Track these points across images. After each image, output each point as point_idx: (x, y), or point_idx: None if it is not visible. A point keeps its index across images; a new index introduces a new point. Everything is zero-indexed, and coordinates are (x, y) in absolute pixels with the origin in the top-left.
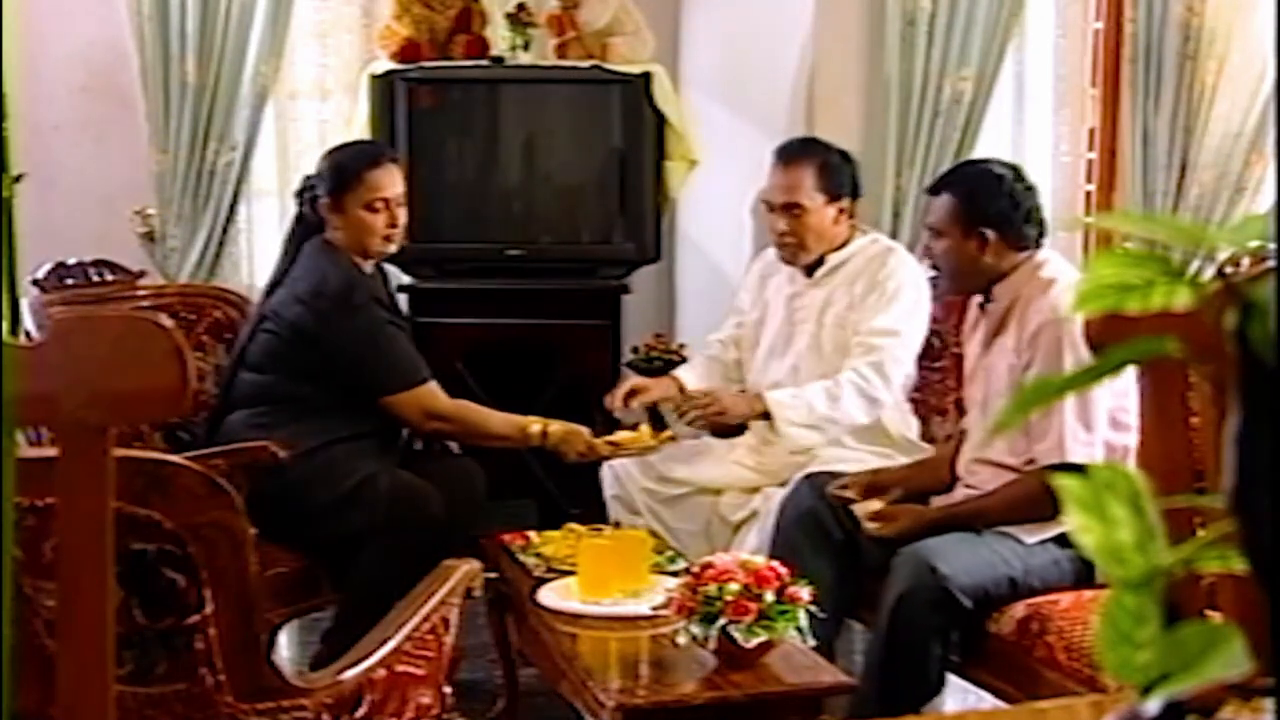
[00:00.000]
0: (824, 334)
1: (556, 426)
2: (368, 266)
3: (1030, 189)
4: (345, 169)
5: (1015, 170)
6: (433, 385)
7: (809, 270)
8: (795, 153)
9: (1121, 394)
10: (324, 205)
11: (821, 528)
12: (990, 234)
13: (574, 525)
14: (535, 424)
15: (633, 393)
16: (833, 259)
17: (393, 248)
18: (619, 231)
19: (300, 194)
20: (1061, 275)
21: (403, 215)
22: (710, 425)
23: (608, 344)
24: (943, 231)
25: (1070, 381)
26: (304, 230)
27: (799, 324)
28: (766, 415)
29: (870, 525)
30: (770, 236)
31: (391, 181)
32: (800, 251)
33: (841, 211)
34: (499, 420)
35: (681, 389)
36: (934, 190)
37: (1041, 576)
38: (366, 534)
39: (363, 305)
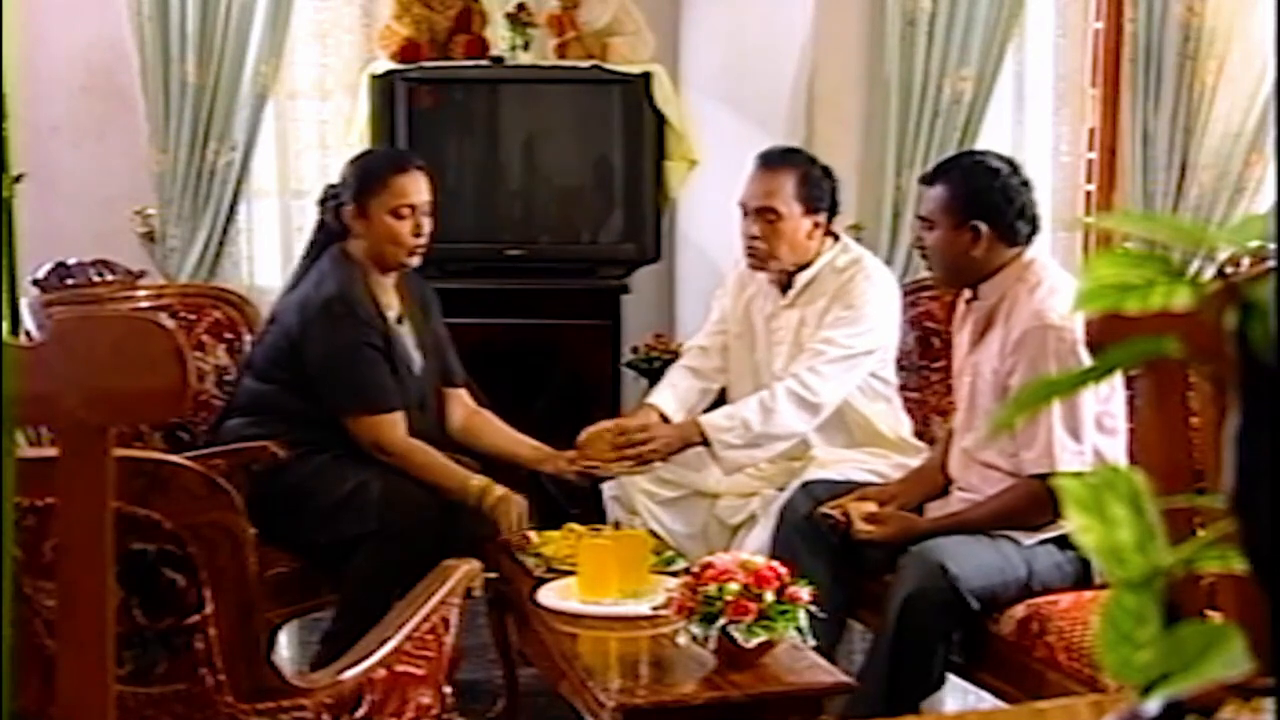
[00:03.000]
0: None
1: (497, 493)
2: (388, 281)
3: (1025, 184)
4: (371, 173)
5: (1011, 164)
6: (393, 418)
7: (783, 289)
8: (777, 160)
9: (1105, 398)
10: (349, 211)
11: (819, 533)
12: (983, 227)
13: (574, 525)
14: (476, 482)
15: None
16: (802, 278)
17: (415, 260)
18: (619, 232)
19: (324, 202)
20: (1047, 278)
21: (428, 225)
22: (651, 459)
23: (608, 344)
24: (935, 222)
25: (1068, 383)
26: (325, 239)
27: (775, 345)
28: (705, 440)
29: (861, 527)
30: (741, 241)
31: (418, 188)
32: (770, 260)
33: (817, 225)
34: (441, 470)
35: (663, 417)
36: (928, 180)
37: (1044, 579)
38: (360, 539)
39: (341, 318)
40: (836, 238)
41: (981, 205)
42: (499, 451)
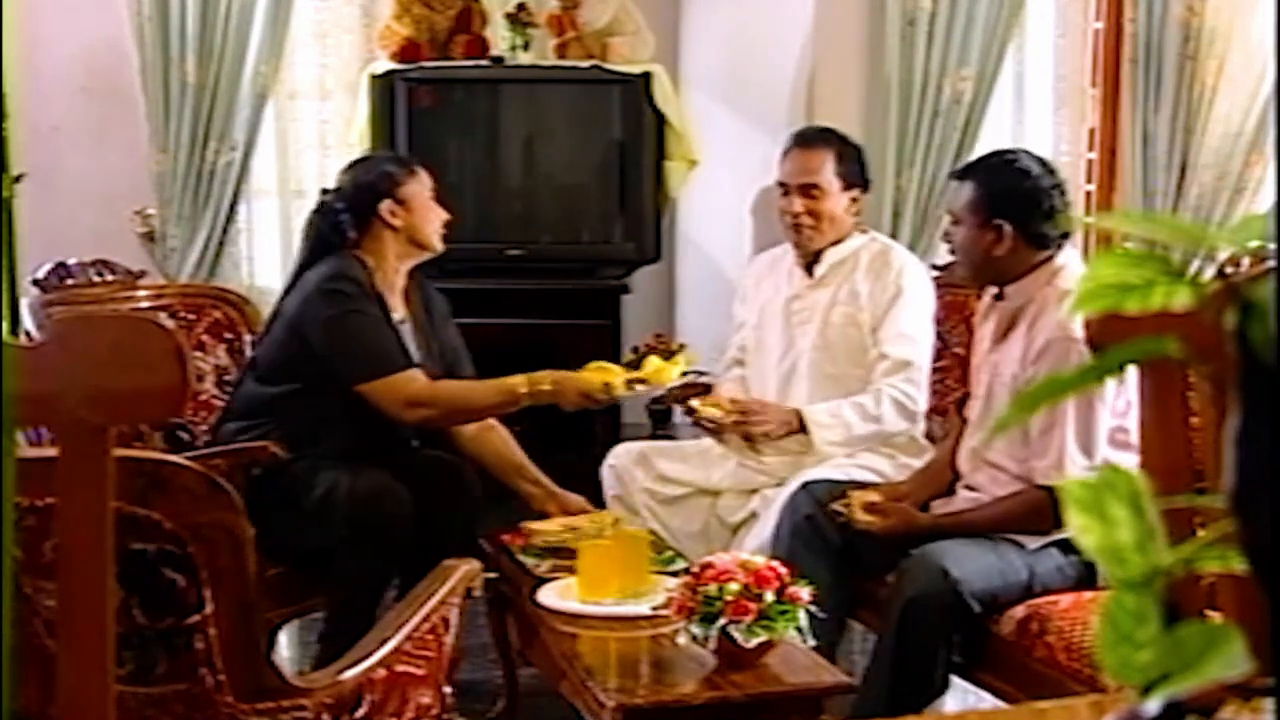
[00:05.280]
0: (832, 332)
1: (547, 382)
2: (397, 283)
3: (1057, 188)
4: (396, 170)
5: (1044, 165)
6: (411, 372)
7: (808, 269)
8: (815, 138)
9: (1121, 414)
10: (386, 208)
11: (819, 534)
12: (1006, 228)
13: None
14: (522, 383)
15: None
16: (831, 256)
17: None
18: (619, 231)
19: (327, 214)
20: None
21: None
22: (749, 436)
23: (608, 344)
24: (961, 219)
25: (1074, 382)
26: (324, 247)
27: (799, 325)
28: (803, 428)
29: (861, 517)
30: (783, 219)
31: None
32: (814, 234)
33: (853, 201)
34: (482, 390)
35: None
36: (959, 175)
37: (1045, 582)
38: (335, 545)
39: (339, 291)
40: (863, 230)
41: (1006, 206)
42: (500, 475)
